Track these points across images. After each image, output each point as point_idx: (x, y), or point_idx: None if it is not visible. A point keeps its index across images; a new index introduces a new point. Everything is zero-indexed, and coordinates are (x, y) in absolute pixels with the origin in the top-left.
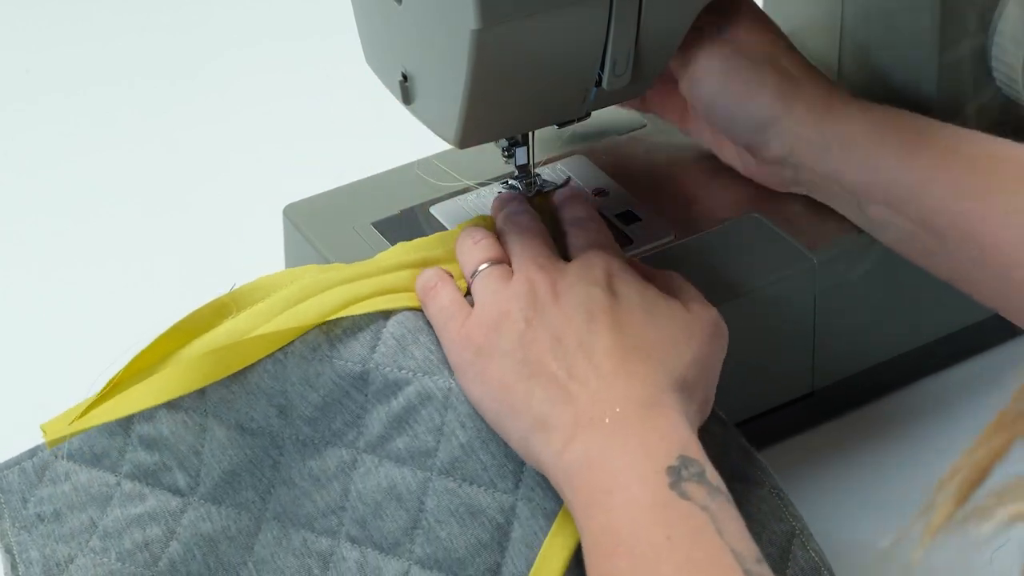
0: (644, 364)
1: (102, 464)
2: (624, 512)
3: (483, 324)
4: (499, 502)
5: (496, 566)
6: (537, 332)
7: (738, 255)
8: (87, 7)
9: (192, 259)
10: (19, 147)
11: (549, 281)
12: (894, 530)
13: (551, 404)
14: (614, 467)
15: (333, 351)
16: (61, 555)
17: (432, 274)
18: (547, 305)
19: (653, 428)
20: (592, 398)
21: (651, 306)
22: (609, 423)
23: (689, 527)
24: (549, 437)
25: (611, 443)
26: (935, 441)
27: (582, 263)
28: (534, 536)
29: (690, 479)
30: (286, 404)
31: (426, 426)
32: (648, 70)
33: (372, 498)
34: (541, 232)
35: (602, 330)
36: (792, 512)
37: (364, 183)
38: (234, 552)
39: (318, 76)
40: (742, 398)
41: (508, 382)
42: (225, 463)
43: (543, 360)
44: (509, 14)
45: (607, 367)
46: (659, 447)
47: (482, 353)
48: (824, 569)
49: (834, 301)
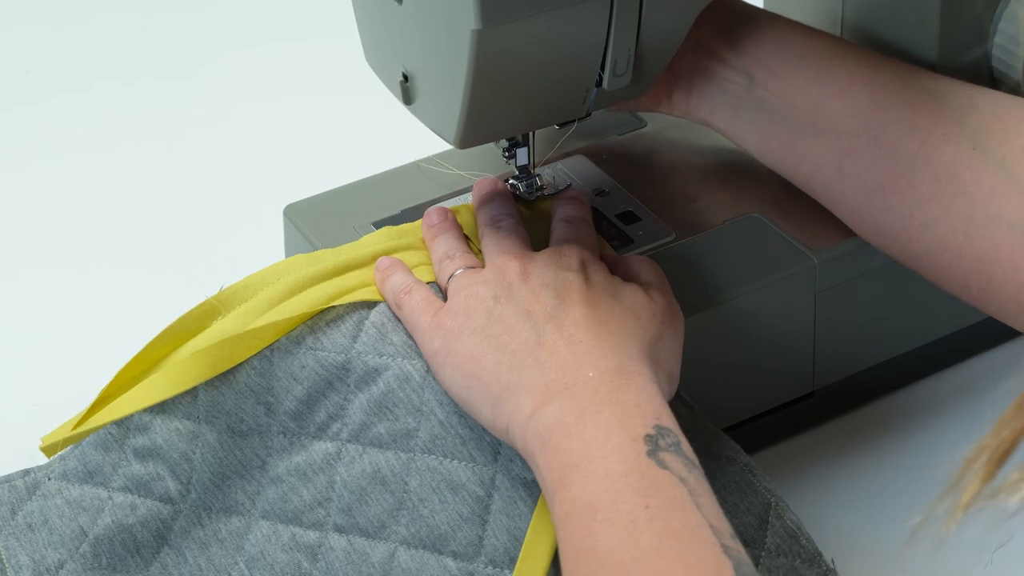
0: (614, 335)
1: (94, 480)
2: (601, 480)
3: (453, 311)
4: (479, 475)
5: (478, 539)
6: (506, 308)
7: (738, 255)
8: (87, 7)
9: (192, 259)
10: (19, 147)
11: (519, 265)
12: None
13: (520, 371)
14: (589, 435)
15: (317, 343)
16: (51, 560)
17: (403, 279)
18: (516, 284)
19: (627, 396)
20: (563, 365)
21: (615, 289)
22: (582, 388)
23: (667, 497)
24: (519, 402)
25: (585, 409)
26: (935, 441)
27: (555, 251)
28: (513, 506)
29: (667, 449)
30: (273, 401)
31: (405, 408)
32: (648, 70)
33: (357, 485)
34: (520, 233)
35: (572, 305)
36: (766, 486)
37: (364, 183)
38: (225, 553)
39: (318, 76)
40: (742, 398)
41: (476, 356)
42: (216, 467)
43: (512, 332)
44: (509, 14)
45: (578, 336)
46: (635, 415)
47: (451, 335)
48: (802, 537)
49: (834, 301)
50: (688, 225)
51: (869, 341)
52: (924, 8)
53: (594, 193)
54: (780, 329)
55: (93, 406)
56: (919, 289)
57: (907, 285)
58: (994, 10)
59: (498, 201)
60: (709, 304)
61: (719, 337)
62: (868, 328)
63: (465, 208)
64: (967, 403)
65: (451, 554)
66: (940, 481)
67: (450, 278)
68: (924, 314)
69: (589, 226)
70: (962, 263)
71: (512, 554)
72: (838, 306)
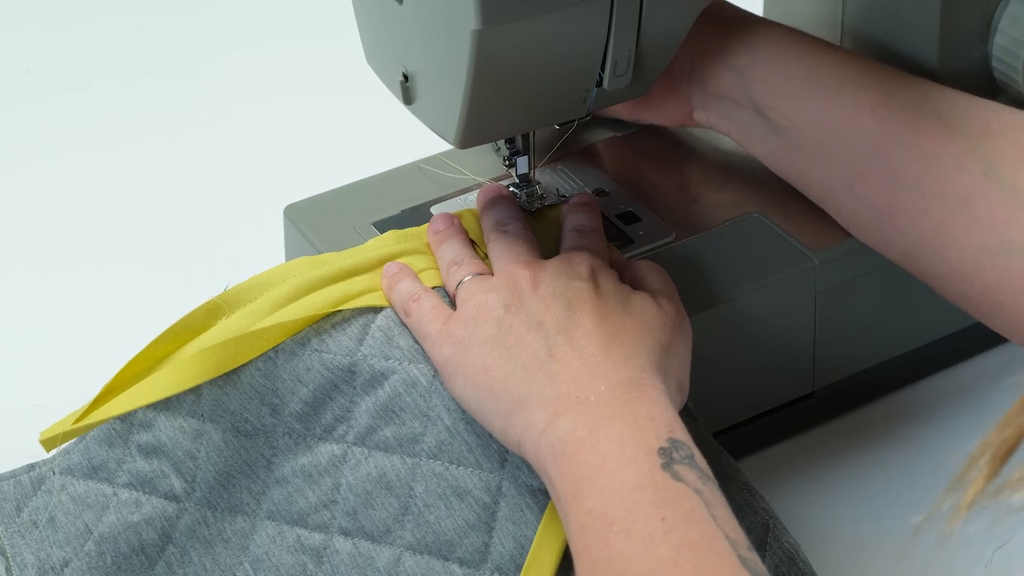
0: (625, 347)
1: (99, 475)
2: (616, 493)
3: (462, 319)
4: (485, 482)
5: (484, 546)
6: (516, 318)
7: (738, 255)
8: (87, 7)
9: (192, 259)
10: (19, 147)
11: (530, 274)
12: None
13: (532, 384)
14: (603, 448)
15: (323, 345)
16: (56, 559)
17: (411, 286)
18: (526, 293)
19: (640, 409)
20: (574, 378)
21: (625, 299)
22: (595, 401)
23: (683, 509)
24: (531, 415)
25: (598, 423)
26: (935, 441)
27: (565, 259)
28: (520, 514)
29: (681, 462)
30: (278, 402)
31: (412, 412)
32: (648, 70)
33: (363, 488)
34: (528, 238)
35: (582, 316)
36: (764, 507)
37: (364, 183)
38: (230, 553)
39: (318, 76)
40: (742, 398)
41: (488, 367)
42: (221, 466)
43: (523, 342)
44: (510, 14)
45: (589, 349)
46: (648, 428)
47: (461, 344)
48: (799, 559)
49: (834, 301)
50: (688, 225)
51: (869, 341)
52: (923, 11)
53: (594, 193)
54: (780, 329)
55: (95, 401)
56: (919, 289)
57: (907, 285)
58: (993, 12)
59: (503, 205)
60: (709, 304)
61: (719, 337)
62: (868, 328)
63: (469, 213)
64: (967, 403)
65: (457, 561)
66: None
67: (459, 285)
68: (924, 314)
69: (600, 235)
70: (974, 288)
71: (518, 561)
72: (838, 306)
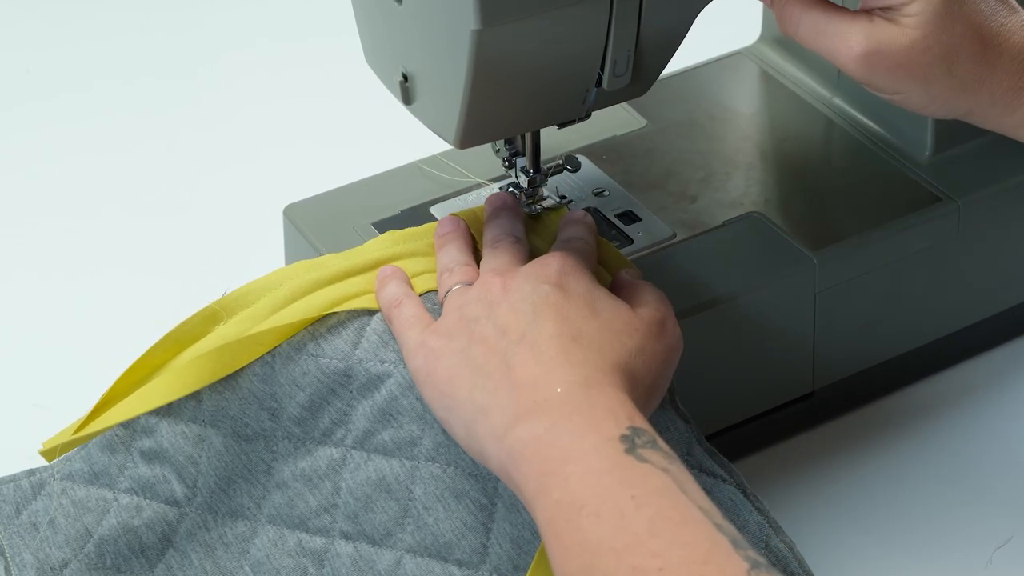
0: (583, 351)
1: (100, 481)
2: (583, 479)
3: (439, 330)
4: (482, 483)
5: (482, 547)
6: (486, 327)
7: (738, 255)
8: (87, 7)
9: (192, 259)
10: (19, 147)
11: (501, 281)
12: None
13: (494, 392)
14: (564, 441)
15: (318, 349)
16: (55, 559)
17: (395, 291)
18: (497, 301)
19: (598, 405)
20: (533, 382)
21: (595, 302)
22: (552, 403)
23: (652, 486)
24: (491, 422)
25: (557, 421)
26: (935, 441)
27: (537, 263)
28: (516, 515)
29: (644, 446)
30: (277, 407)
31: (409, 415)
32: (648, 70)
33: (363, 492)
34: (515, 251)
35: (545, 320)
36: (760, 506)
37: (364, 183)
38: (230, 557)
39: (318, 76)
40: (742, 398)
41: (453, 376)
42: (222, 471)
43: (490, 352)
44: (509, 15)
45: (548, 352)
46: (606, 419)
47: (433, 355)
48: (795, 559)
49: (833, 301)
50: (688, 225)
51: (869, 341)
52: None
53: (594, 193)
54: (780, 329)
55: (94, 411)
56: (919, 289)
57: (907, 285)
58: None
59: (504, 218)
60: (709, 304)
61: (719, 337)
62: (867, 328)
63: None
64: (967, 403)
65: (456, 562)
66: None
67: (447, 293)
68: (924, 314)
69: (589, 245)
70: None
71: (516, 562)
72: (838, 306)
